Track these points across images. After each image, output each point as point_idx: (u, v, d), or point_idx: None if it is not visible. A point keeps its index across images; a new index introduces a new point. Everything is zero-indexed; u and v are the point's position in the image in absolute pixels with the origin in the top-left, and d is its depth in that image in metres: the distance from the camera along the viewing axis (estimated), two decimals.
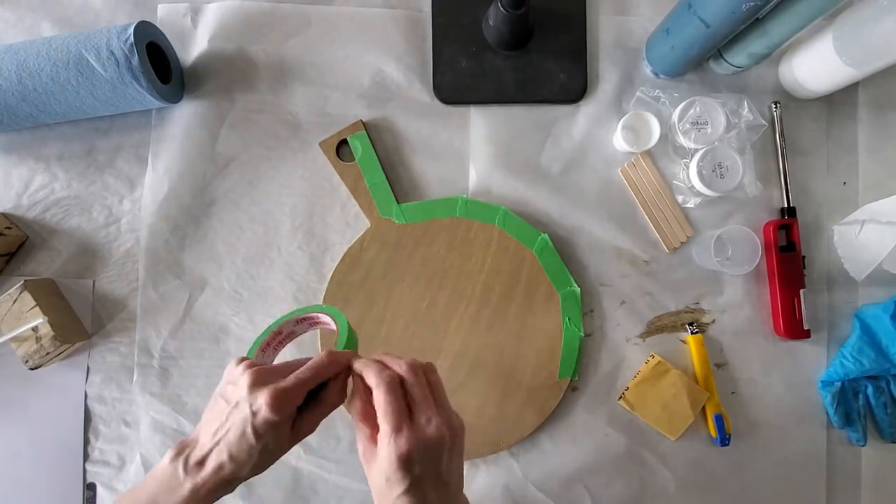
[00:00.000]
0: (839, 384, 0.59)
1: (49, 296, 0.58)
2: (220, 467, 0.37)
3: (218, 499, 0.39)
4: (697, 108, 0.59)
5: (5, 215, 0.59)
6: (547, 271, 0.59)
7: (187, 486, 0.37)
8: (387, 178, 0.59)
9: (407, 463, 0.35)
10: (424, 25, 0.62)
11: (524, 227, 0.59)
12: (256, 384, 0.37)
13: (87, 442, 0.60)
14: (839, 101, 0.62)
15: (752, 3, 0.46)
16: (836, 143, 0.62)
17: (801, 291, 0.59)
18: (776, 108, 0.60)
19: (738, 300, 0.61)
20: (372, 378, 0.38)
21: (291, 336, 0.49)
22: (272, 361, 0.49)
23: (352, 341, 0.44)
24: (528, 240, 0.59)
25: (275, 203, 0.61)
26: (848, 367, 0.58)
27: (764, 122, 0.59)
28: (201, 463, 0.38)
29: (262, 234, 0.61)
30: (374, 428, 0.38)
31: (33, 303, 0.55)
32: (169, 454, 0.39)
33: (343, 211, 0.61)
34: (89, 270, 0.60)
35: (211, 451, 0.38)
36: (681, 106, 0.59)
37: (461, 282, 0.59)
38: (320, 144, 0.60)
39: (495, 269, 0.59)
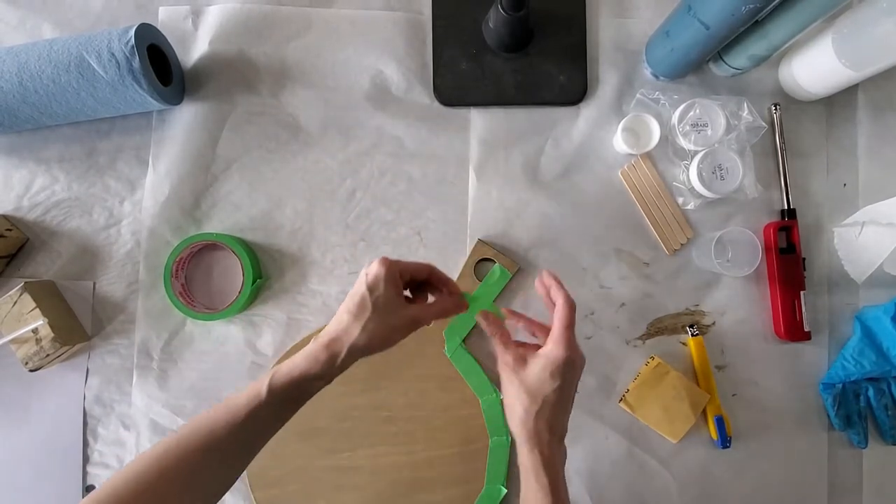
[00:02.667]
0: (840, 386, 0.59)
1: (49, 298, 0.58)
2: (339, 322, 0.43)
3: (354, 360, 0.43)
4: (697, 110, 0.59)
5: (6, 217, 0.59)
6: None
7: (322, 353, 0.42)
8: None
9: (567, 366, 0.44)
10: (424, 28, 0.62)
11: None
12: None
13: (86, 444, 0.60)
14: (839, 103, 0.62)
15: (751, 6, 0.46)
16: (835, 144, 0.62)
17: (802, 293, 0.59)
18: (776, 109, 0.60)
19: (738, 302, 0.61)
20: (561, 296, 0.46)
21: (191, 257, 0.60)
22: (183, 281, 0.59)
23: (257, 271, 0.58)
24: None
25: (275, 205, 0.61)
26: (849, 368, 0.58)
27: (764, 123, 0.59)
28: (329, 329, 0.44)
29: (262, 236, 0.61)
30: (518, 345, 0.47)
31: (33, 305, 0.55)
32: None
33: (343, 212, 0.61)
34: (90, 272, 0.60)
35: (337, 315, 0.44)
36: (681, 108, 0.59)
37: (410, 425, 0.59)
38: None
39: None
